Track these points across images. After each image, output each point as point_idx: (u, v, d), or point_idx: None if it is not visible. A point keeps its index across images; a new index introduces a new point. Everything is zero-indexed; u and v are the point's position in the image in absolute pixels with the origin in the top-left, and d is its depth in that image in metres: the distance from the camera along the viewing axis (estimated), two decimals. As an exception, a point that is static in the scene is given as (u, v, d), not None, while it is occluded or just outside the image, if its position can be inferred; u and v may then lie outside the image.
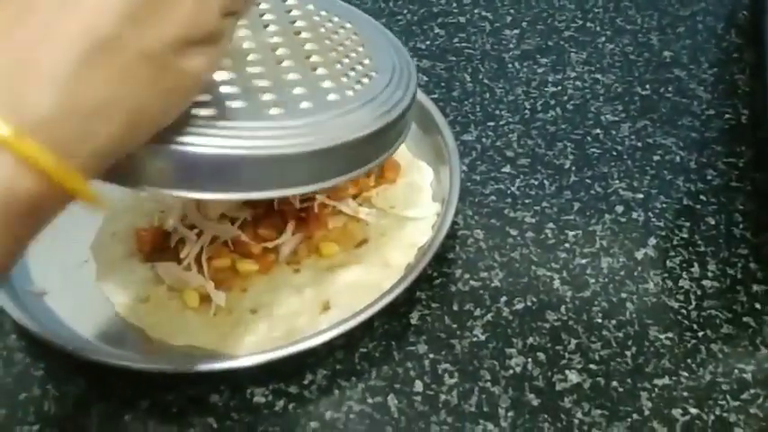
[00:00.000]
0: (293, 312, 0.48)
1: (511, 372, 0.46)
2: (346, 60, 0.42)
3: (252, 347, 0.46)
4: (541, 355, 0.46)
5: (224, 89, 0.36)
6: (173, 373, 0.46)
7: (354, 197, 0.53)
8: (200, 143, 0.33)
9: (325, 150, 0.37)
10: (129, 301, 0.50)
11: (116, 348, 0.47)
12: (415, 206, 0.53)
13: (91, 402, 0.46)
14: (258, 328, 0.47)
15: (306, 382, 0.46)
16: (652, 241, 0.52)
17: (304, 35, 0.42)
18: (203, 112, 0.34)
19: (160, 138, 0.31)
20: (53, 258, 0.51)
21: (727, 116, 0.60)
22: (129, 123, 0.29)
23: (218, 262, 0.50)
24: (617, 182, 0.55)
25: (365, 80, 0.41)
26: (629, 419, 0.43)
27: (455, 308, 0.49)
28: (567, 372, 0.45)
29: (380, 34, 0.46)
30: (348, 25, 0.45)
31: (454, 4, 0.71)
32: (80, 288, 0.51)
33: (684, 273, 0.50)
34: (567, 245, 0.52)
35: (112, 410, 0.45)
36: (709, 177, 0.55)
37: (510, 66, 0.65)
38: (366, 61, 0.43)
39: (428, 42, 0.67)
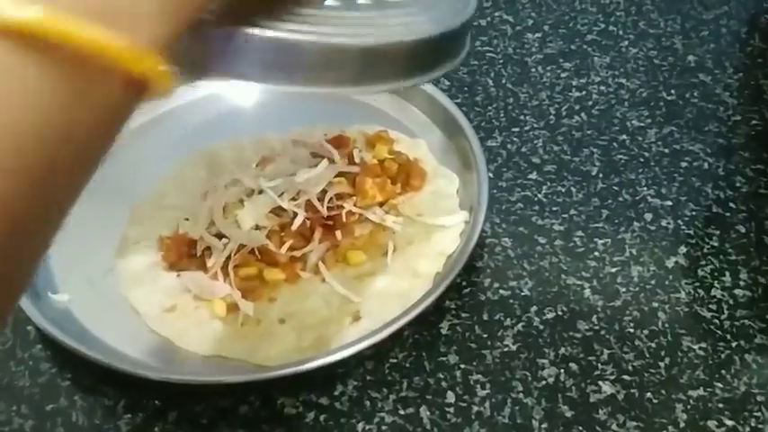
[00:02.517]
0: (322, 322, 0.47)
1: (543, 383, 0.45)
2: None
3: (281, 358, 0.46)
4: (574, 366, 0.46)
5: None
6: (202, 384, 0.45)
7: (381, 205, 0.53)
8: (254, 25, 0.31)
9: (382, 47, 0.34)
10: (154, 310, 0.49)
11: (143, 358, 0.47)
12: (442, 214, 0.52)
13: (119, 413, 0.45)
14: (287, 339, 0.47)
15: (336, 393, 0.45)
16: (682, 250, 0.51)
17: None
18: None
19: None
20: (78, 266, 0.51)
21: (753, 122, 0.59)
22: None
23: (245, 270, 0.49)
24: (645, 189, 0.55)
25: None
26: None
27: (485, 317, 0.48)
28: (600, 383, 0.45)
29: None
30: None
31: (474, 7, 0.71)
32: (105, 297, 0.50)
33: (716, 282, 0.49)
34: (596, 253, 0.51)
35: (141, 422, 0.45)
36: (737, 184, 0.55)
37: (533, 70, 0.64)
38: None
39: (449, 46, 0.67)
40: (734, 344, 0.46)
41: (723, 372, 0.45)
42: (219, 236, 0.51)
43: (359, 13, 0.35)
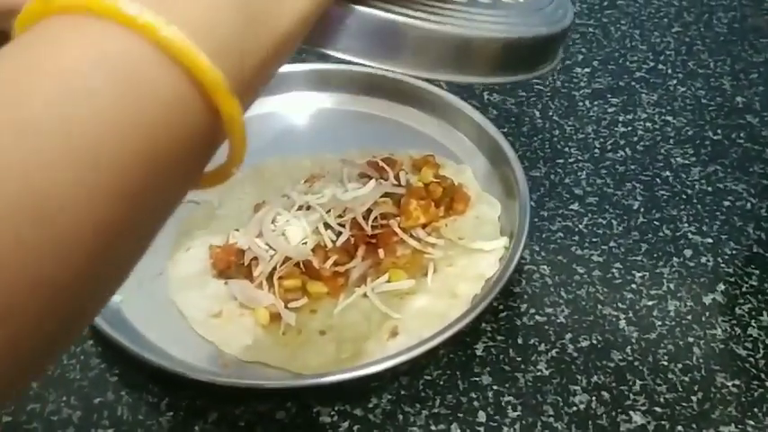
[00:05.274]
0: (361, 336, 0.49)
1: (574, 408, 0.46)
2: None
3: (319, 368, 0.47)
4: (606, 395, 0.46)
5: None
6: (242, 387, 0.47)
7: (424, 226, 0.54)
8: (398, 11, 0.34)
9: (479, 40, 0.37)
10: (201, 315, 0.51)
11: (188, 360, 0.49)
12: (483, 239, 0.54)
13: (162, 411, 0.47)
14: (326, 349, 0.48)
15: (371, 405, 0.46)
16: (720, 287, 0.51)
17: None
18: None
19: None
20: (131, 269, 0.53)
21: (799, 165, 0.59)
22: None
23: (289, 282, 0.51)
24: (686, 225, 0.55)
25: None
26: (694, 465, 0.43)
27: (520, 341, 0.49)
28: (631, 413, 0.45)
29: None
30: None
31: (525, 41, 0.72)
32: (154, 299, 0.52)
33: (753, 321, 0.49)
34: (633, 285, 0.52)
35: (182, 421, 0.47)
36: (780, 226, 0.55)
37: (580, 104, 0.65)
38: None
39: (499, 77, 0.68)
40: (768, 383, 0.46)
41: (755, 410, 0.45)
42: (267, 247, 0.53)
43: (466, 8, 0.37)
